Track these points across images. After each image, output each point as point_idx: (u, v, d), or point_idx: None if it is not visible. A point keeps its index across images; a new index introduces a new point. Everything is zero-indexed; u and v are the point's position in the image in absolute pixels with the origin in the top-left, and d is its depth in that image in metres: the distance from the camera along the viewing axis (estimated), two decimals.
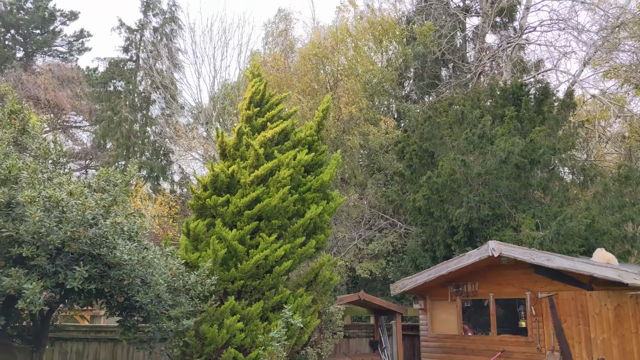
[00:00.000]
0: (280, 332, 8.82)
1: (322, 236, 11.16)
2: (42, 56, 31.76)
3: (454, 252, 15.05)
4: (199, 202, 11.05)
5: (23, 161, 8.15)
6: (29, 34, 30.90)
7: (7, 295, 7.34)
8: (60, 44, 32.07)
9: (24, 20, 30.33)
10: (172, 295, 8.88)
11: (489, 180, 15.17)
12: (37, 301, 7.19)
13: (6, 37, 30.72)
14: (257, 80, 12.13)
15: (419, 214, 16.68)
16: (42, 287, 7.28)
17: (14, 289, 7.22)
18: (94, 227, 7.78)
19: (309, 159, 11.42)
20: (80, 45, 32.49)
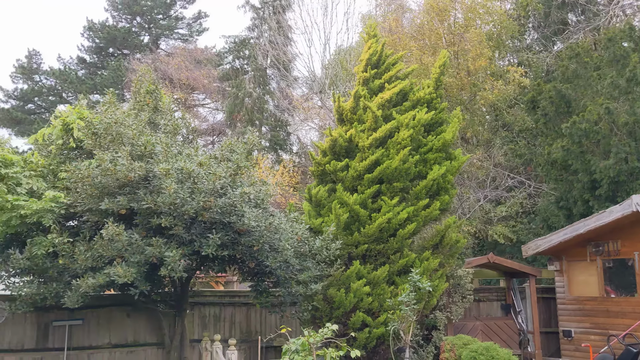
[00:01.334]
0: (409, 295, 8.70)
1: (446, 197, 10.79)
2: (165, 40, 33.53)
3: (592, 209, 13.92)
4: (319, 168, 11.12)
5: (156, 137, 8.61)
6: (153, 19, 32.70)
7: (150, 263, 7.86)
8: (180, 27, 33.65)
9: (148, 7, 32.12)
10: (299, 260, 9.07)
11: (636, 130, 13.75)
12: (177, 268, 7.64)
13: (133, 24, 32.76)
14: (374, 42, 11.85)
15: (553, 168, 15.60)
16: (180, 255, 7.72)
17: (156, 257, 7.73)
18: (223, 197, 8.08)
19: (428, 118, 11.03)
20: (198, 27, 33.86)
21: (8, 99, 30.95)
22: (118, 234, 7.51)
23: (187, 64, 28.89)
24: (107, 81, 28.59)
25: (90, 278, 7.54)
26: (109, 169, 7.83)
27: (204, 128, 31.26)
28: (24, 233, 8.44)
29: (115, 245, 7.60)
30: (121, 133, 8.42)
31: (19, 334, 9.91)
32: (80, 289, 7.59)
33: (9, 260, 8.11)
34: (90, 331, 10.34)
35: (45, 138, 9.42)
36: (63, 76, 30.50)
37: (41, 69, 31.61)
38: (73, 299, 7.74)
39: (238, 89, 28.35)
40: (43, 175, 9.26)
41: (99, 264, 7.79)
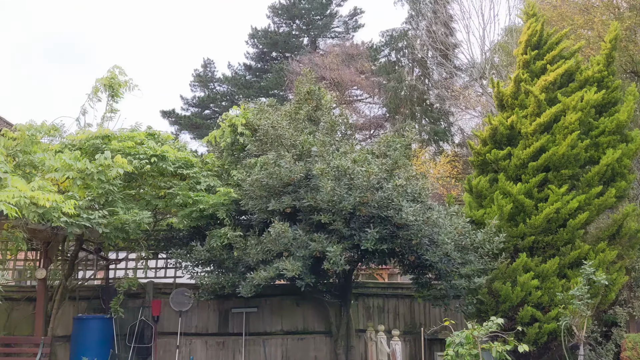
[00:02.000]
0: (582, 289, 8.13)
1: (623, 183, 9.84)
2: (322, 39, 34.67)
3: None
4: (479, 158, 10.79)
5: (314, 136, 9.03)
6: (311, 21, 34.00)
7: (314, 257, 8.28)
8: (337, 25, 34.56)
9: (306, 9, 33.47)
10: (461, 254, 8.91)
11: None
12: (339, 262, 7.96)
13: (292, 27, 34.35)
14: (533, 21, 11.18)
15: None
16: (341, 249, 8.02)
17: (319, 252, 8.13)
18: (379, 191, 8.22)
19: (599, 98, 10.14)
20: (354, 23, 34.49)
21: (188, 107, 34.28)
22: (284, 231, 8.03)
23: (342, 60, 29.57)
24: (271, 84, 30.38)
25: (262, 271, 8.14)
26: (273, 172, 8.40)
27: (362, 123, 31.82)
28: (203, 226, 9.35)
29: (282, 241, 8.13)
30: (280, 135, 8.97)
31: (204, 319, 11.00)
32: (254, 281, 8.23)
33: (192, 252, 9.05)
34: (264, 318, 11.13)
35: (217, 139, 10.35)
36: (233, 82, 33.02)
37: (215, 77, 34.52)
38: (247, 289, 8.41)
39: (396, 82, 28.39)
40: (218, 175, 10.20)
41: (269, 257, 8.38)
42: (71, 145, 8.65)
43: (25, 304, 10.41)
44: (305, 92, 10.65)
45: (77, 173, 7.41)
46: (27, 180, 7.05)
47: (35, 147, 7.90)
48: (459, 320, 10.68)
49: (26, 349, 9.17)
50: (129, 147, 8.64)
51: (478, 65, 25.04)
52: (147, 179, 9.28)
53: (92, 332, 9.68)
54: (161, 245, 10.46)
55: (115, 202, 8.25)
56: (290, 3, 33.95)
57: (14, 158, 7.74)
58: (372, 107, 33.16)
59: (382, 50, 32.59)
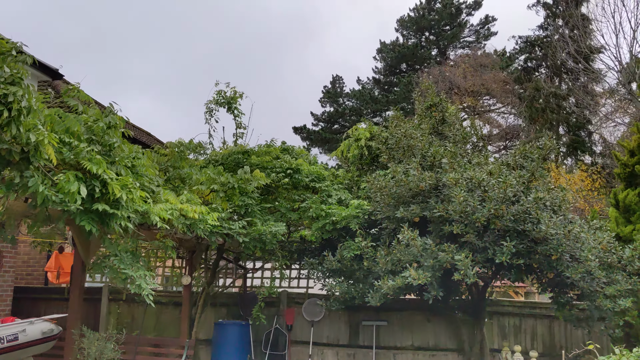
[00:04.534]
0: None
1: None
2: (452, 50, 34.10)
3: None
4: (626, 170, 9.98)
5: (444, 147, 8.92)
6: (440, 31, 33.61)
7: (443, 269, 8.14)
8: (467, 35, 33.83)
9: (435, 20, 33.17)
10: (606, 272, 8.29)
11: None
12: (470, 273, 7.73)
13: (421, 39, 34.17)
14: None
15: None
16: (472, 261, 7.80)
17: (449, 263, 7.97)
18: (515, 204, 7.92)
19: None
20: (486, 32, 33.55)
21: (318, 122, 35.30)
22: (413, 239, 7.96)
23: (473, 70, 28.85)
24: (399, 97, 30.42)
25: (390, 280, 8.15)
26: (402, 180, 8.40)
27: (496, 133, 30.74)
28: (334, 238, 9.59)
29: (410, 250, 8.07)
30: (412, 145, 8.95)
31: (335, 330, 11.21)
32: (382, 290, 8.25)
33: (324, 262, 9.30)
34: (395, 332, 11.09)
35: (344, 153, 10.60)
36: (361, 97, 33.51)
37: (343, 92, 35.27)
38: (376, 298, 8.46)
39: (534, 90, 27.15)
40: (348, 187, 10.42)
41: (397, 268, 8.38)
42: (214, 161, 9.32)
43: (172, 308, 11.31)
44: (427, 106, 10.54)
45: (220, 186, 7.97)
46: (176, 192, 7.71)
47: (183, 162, 8.62)
48: (604, 344, 9.91)
49: (173, 349, 9.93)
50: (267, 162, 9.13)
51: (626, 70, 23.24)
52: (282, 191, 9.73)
53: (231, 337, 10.24)
54: (294, 256, 10.86)
55: (254, 214, 8.75)
56: (419, 15, 33.84)
57: (165, 172, 8.49)
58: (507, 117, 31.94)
59: (516, 58, 31.35)
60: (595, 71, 26.28)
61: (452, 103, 11.69)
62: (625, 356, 6.51)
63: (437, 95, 10.96)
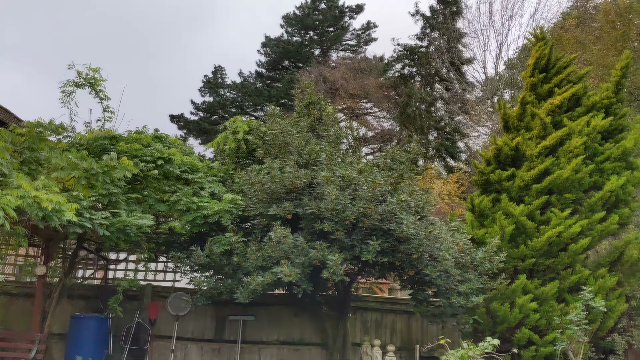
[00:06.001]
0: (580, 315, 8.11)
1: (626, 210, 9.84)
2: (335, 52, 34.84)
3: None
4: (482, 177, 10.81)
5: (320, 146, 9.08)
6: (323, 32, 34.20)
7: (313, 266, 8.29)
8: (349, 38, 34.74)
9: (319, 21, 33.70)
10: (461, 271, 8.90)
11: None
12: (339, 272, 7.94)
13: (305, 37, 34.57)
14: (542, 44, 11.24)
15: None
16: (342, 259, 8.02)
17: (319, 260, 8.13)
18: (383, 204, 8.25)
19: (605, 125, 10.16)
20: (367, 37, 34.66)
21: (197, 111, 34.44)
22: (285, 237, 8.02)
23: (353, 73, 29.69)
24: (281, 93, 30.53)
25: (260, 276, 8.13)
26: (277, 176, 8.43)
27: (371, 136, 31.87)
28: (205, 232, 9.38)
29: (282, 247, 8.12)
30: (288, 142, 9.02)
31: (200, 325, 11.00)
32: (251, 286, 8.22)
33: (192, 256, 9.06)
34: (262, 327, 11.11)
35: (220, 145, 10.43)
36: (243, 89, 33.19)
37: (225, 83, 34.72)
38: (244, 295, 8.40)
39: (407, 96, 28.49)
40: (222, 180, 10.25)
41: (268, 264, 8.39)
42: (79, 145, 8.72)
43: (23, 300, 10.45)
44: (306, 104, 10.69)
45: (82, 172, 7.47)
46: (32, 177, 7.11)
47: (42, 144, 7.97)
48: (456, 339, 10.64)
49: (21, 344, 9.17)
50: (136, 149, 8.71)
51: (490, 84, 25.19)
52: (152, 181, 9.33)
53: (87, 331, 9.67)
54: (161, 249, 10.49)
55: (119, 204, 8.30)
56: (304, 14, 34.18)
57: (21, 154, 7.81)
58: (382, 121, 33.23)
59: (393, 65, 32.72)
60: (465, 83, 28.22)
61: (330, 103, 11.91)
62: (472, 350, 7.03)
63: (316, 94, 11.12)
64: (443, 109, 30.33)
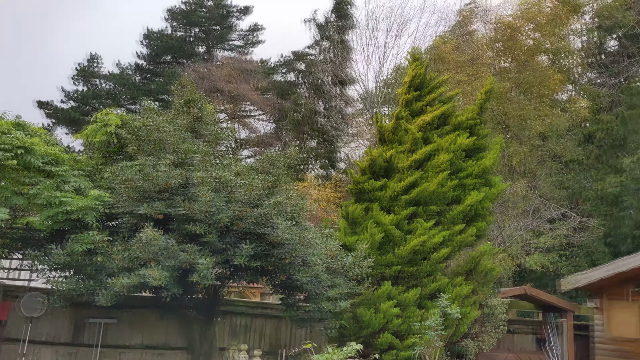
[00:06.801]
0: (437, 321, 8.60)
1: (483, 224, 10.65)
2: (220, 51, 34.31)
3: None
4: (357, 187, 11.16)
5: (197, 146, 8.85)
6: (209, 30, 33.56)
7: (183, 269, 8.03)
8: (236, 38, 34.39)
9: (205, 18, 33.03)
10: (330, 276, 9.08)
11: None
12: (209, 275, 7.76)
13: (190, 34, 33.71)
14: (418, 64, 11.88)
15: (602, 203, 15.24)
16: (213, 263, 7.84)
17: (189, 263, 7.89)
18: (258, 207, 8.20)
19: (469, 143, 10.94)
20: (254, 39, 34.52)
21: (68, 100, 32.23)
22: (155, 238, 7.69)
23: (238, 74, 29.42)
24: (160, 88, 29.48)
25: (125, 278, 7.72)
26: (150, 174, 8.08)
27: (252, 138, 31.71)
28: (67, 229, 8.75)
29: (151, 249, 7.78)
30: (163, 139, 8.69)
31: (56, 327, 10.26)
32: (115, 288, 7.78)
33: (51, 255, 8.40)
34: (124, 330, 10.60)
35: (90, 138, 9.82)
36: (120, 81, 31.60)
37: (101, 72, 32.84)
38: (106, 297, 7.94)
39: (292, 103, 28.71)
40: (89, 175, 9.63)
41: (134, 265, 8.00)
42: None
43: None
44: (185, 102, 10.36)
45: None
46: None
47: None
48: (323, 343, 10.84)
49: None
50: None
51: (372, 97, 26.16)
52: (10, 172, 8.54)
53: None
54: (17, 245, 9.64)
55: None
56: (190, 9, 33.32)
57: None
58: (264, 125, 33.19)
59: (279, 70, 32.85)
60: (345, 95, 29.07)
61: (211, 103, 11.66)
62: (335, 354, 7.20)
63: (197, 92, 10.83)
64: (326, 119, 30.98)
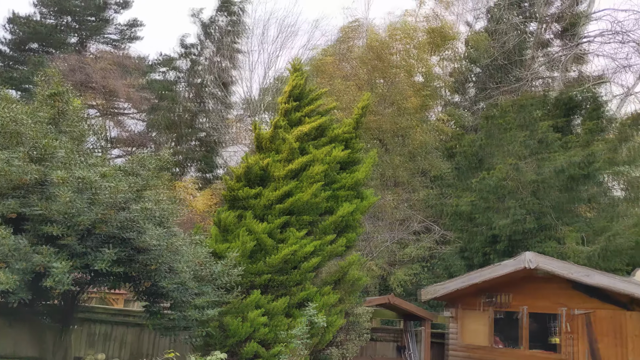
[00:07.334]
0: (303, 329, 8.70)
1: (353, 235, 10.99)
2: (94, 43, 32.50)
3: (491, 261, 14.64)
4: (231, 193, 11.04)
5: (60, 141, 8.25)
6: (83, 20, 31.69)
7: (36, 272, 7.43)
8: (112, 32, 32.76)
9: (80, 7, 31.13)
10: (198, 284, 8.87)
11: (539, 190, 14.69)
12: (65, 280, 7.24)
13: (62, 22, 31.60)
14: (298, 75, 12.04)
15: (459, 219, 16.33)
16: (70, 267, 7.33)
17: (43, 267, 7.31)
18: (124, 211, 7.82)
19: (344, 156, 11.26)
20: (132, 34, 33.11)
21: None
22: (4, 237, 7.05)
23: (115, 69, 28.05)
24: (25, 77, 27.35)
25: None
26: (2, 169, 7.40)
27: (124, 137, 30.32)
28: None
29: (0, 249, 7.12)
30: (21, 132, 8.01)
31: None
32: None
33: None
34: None
35: None
36: None
37: None
38: None
39: (170, 102, 27.85)
40: None
41: None
42: None
43: None
44: (50, 94, 9.65)
45: None
46: None
47: None
48: (187, 352, 10.55)
49: None
50: None
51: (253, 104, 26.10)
52: None
53: None
54: None
55: None
56: None
57: None
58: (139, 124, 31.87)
59: (157, 68, 31.80)
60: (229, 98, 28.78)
61: (80, 97, 10.96)
62: None
63: (65, 85, 10.13)
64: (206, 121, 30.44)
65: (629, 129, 16.59)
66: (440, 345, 14.19)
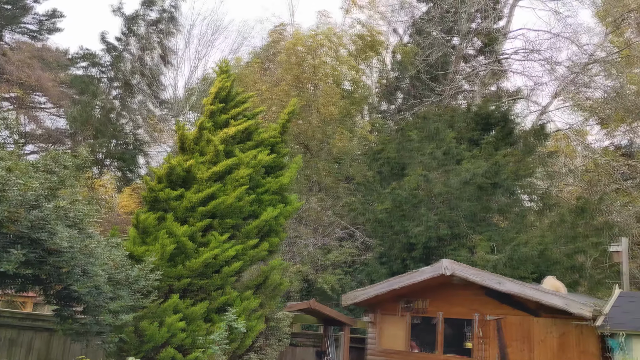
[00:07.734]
0: (222, 335, 8.60)
1: (276, 239, 10.97)
2: (10, 33, 30.78)
3: (409, 268, 15.05)
4: (152, 194, 10.74)
5: None
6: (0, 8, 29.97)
7: None
8: (30, 22, 31.14)
9: None
10: (113, 288, 8.56)
11: (451, 199, 15.25)
12: None
13: None
14: (225, 77, 11.92)
15: (380, 226, 16.66)
16: None
17: None
18: (35, 210, 7.44)
19: (269, 160, 11.24)
20: (51, 25, 31.59)
21: None
22: None
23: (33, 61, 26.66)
24: None
25: None
26: None
27: (39, 133, 28.89)
28: None
29: None
30: None
31: None
32: None
33: None
34: None
35: None
36: None
37: None
38: None
39: (91, 97, 26.81)
40: None
41: None
42: None
43: None
44: None
45: None
46: None
47: None
48: (100, 358, 10.17)
49: None
50: None
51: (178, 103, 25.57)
52: None
53: None
54: None
55: None
56: None
57: None
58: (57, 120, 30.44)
59: (78, 62, 30.56)
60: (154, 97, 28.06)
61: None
62: None
63: None
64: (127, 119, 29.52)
65: (533, 139, 17.60)
66: (360, 350, 14.42)
